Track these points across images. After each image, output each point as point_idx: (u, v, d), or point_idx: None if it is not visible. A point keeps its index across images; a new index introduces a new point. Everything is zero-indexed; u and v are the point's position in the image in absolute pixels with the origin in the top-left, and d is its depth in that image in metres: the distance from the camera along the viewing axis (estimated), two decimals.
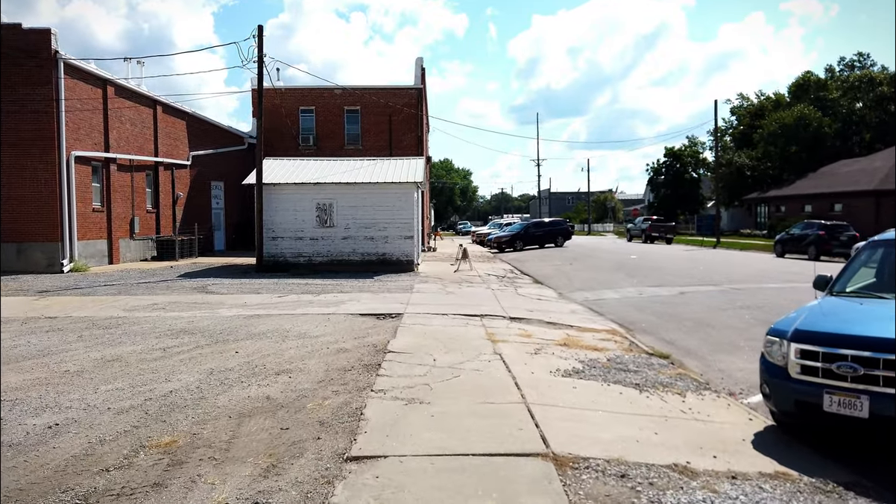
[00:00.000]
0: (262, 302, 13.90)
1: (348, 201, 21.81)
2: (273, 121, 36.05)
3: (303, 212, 21.80)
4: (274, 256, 21.79)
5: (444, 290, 16.66)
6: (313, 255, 21.86)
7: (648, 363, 8.44)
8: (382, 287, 16.97)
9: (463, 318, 11.83)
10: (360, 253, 21.90)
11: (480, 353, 8.55)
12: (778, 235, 31.81)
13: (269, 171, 23.03)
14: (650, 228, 48.20)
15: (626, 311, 13.63)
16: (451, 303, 13.98)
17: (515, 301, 14.79)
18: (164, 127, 29.11)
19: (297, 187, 21.73)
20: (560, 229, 41.19)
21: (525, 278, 21.28)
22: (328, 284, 17.48)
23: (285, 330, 10.27)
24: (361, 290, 16.30)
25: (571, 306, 14.39)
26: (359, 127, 37.26)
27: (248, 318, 11.65)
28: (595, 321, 12.24)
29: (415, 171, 22.77)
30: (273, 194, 21.79)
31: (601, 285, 18.40)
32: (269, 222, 21.78)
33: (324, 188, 21.75)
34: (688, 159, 76.26)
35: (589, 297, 16.05)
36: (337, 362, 7.91)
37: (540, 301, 15.08)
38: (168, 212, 29.73)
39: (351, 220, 21.84)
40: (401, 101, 37.07)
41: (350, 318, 11.66)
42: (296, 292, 15.69)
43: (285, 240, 21.85)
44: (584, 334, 10.57)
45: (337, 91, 37.04)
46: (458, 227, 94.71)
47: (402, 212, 21.87)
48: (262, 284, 17.44)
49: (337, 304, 13.53)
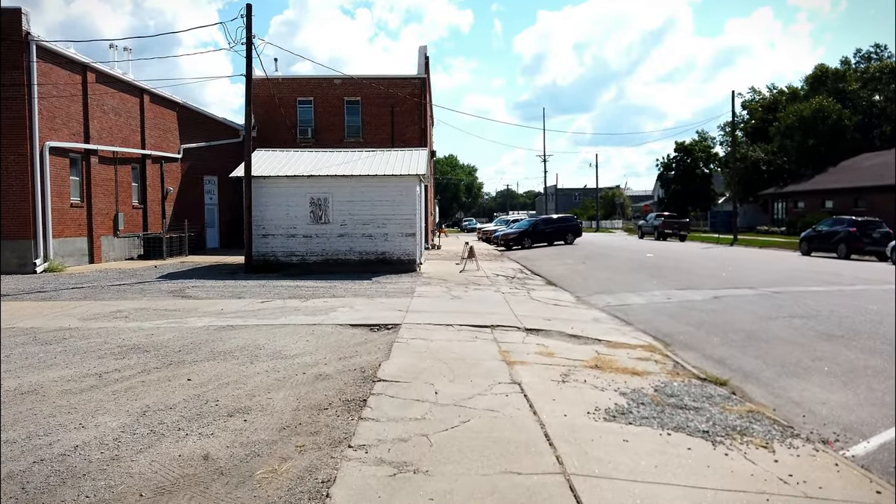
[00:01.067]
0: (241, 309, 12.18)
1: (345, 195, 20.07)
2: (269, 113, 34.37)
3: (295, 207, 20.08)
4: (264, 256, 20.08)
5: (449, 293, 14.93)
6: (307, 254, 20.14)
7: (706, 394, 6.69)
8: (380, 290, 15.24)
9: (471, 329, 10.09)
10: (357, 252, 20.17)
11: (494, 380, 6.81)
12: (803, 233, 29.94)
13: (260, 163, 21.32)
14: (663, 225, 46.34)
15: (657, 319, 11.87)
16: (457, 310, 12.24)
17: (529, 307, 13.04)
18: (151, 117, 27.43)
19: (290, 180, 20.00)
20: (570, 226, 39.39)
21: (537, 279, 19.52)
22: (320, 287, 15.76)
23: (258, 347, 8.55)
24: (356, 293, 14.58)
25: (593, 313, 12.64)
26: (359, 119, 35.52)
27: (219, 329, 9.94)
28: (624, 333, 10.48)
29: (417, 163, 21.02)
30: (263, 188, 20.07)
31: (622, 288, 16.63)
32: (258, 218, 20.08)
33: (318, 181, 20.02)
34: (699, 154, 74.37)
35: (611, 301, 14.28)
36: (312, 396, 6.18)
37: (557, 307, 13.32)
38: (157, 207, 28.07)
39: (348, 216, 20.11)
40: (403, 92, 35.31)
41: (339, 329, 9.93)
42: (282, 296, 13.97)
43: (276, 238, 20.13)
44: (616, 351, 8.82)
45: (337, 81, 35.30)
46: (462, 223, 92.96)
47: (403, 207, 20.13)
48: (247, 287, 15.73)
49: (326, 311, 11.81)
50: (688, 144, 75.33)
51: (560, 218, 41.19)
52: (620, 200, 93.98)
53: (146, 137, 26.86)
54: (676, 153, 74.82)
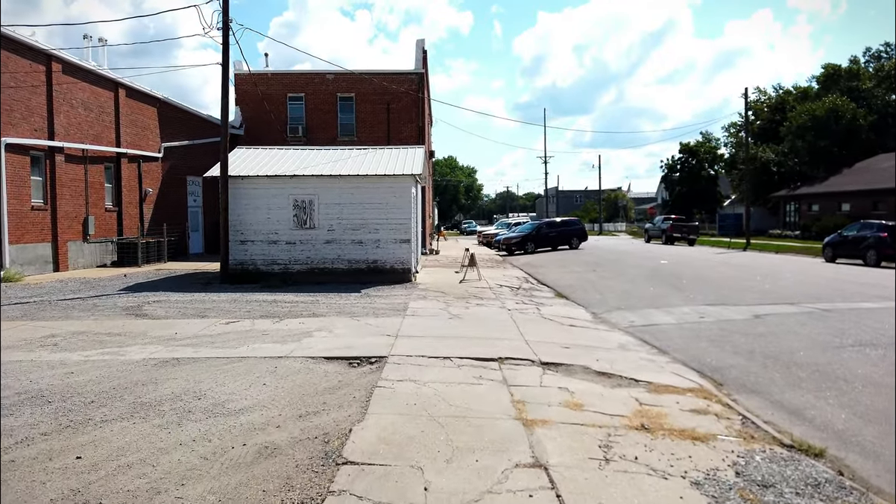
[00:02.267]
0: (198, 333, 10.21)
1: (332, 197, 18.10)
2: (258, 110, 32.42)
3: (277, 210, 18.11)
4: (242, 264, 18.10)
5: (447, 310, 12.95)
6: (290, 262, 18.16)
7: (810, 478, 4.72)
8: (368, 306, 13.26)
9: (473, 363, 8.12)
10: (345, 260, 18.19)
11: (510, 459, 4.84)
12: (827, 238, 27.98)
13: (239, 162, 19.36)
14: (671, 228, 44.39)
15: (695, 346, 9.90)
16: (457, 334, 10.26)
17: (541, 329, 11.07)
18: (128, 113, 25.46)
19: (270, 181, 18.03)
20: (575, 230, 37.43)
21: (545, 290, 17.56)
22: (300, 302, 13.78)
23: (197, 395, 6.57)
24: (340, 311, 12.60)
25: (617, 336, 10.67)
26: (353, 116, 33.55)
27: (160, 365, 7.96)
28: (662, 366, 8.52)
29: (413, 162, 19.06)
30: (241, 189, 18.10)
31: (644, 302, 14.66)
32: (236, 223, 18.10)
33: (303, 182, 18.05)
34: (704, 155, 72.58)
35: (635, 320, 12.32)
36: (241, 496, 4.20)
37: (573, 328, 11.35)
38: (133, 210, 26.09)
39: (335, 221, 18.14)
40: (400, 88, 33.35)
41: (309, 365, 7.95)
42: (253, 315, 12.00)
43: (256, 244, 18.16)
44: (661, 399, 6.85)
45: (329, 77, 33.36)
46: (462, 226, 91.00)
47: (397, 210, 18.17)
48: (216, 303, 13.75)
49: (299, 336, 9.83)
50: (692, 145, 73.54)
51: (564, 221, 39.23)
52: (623, 203, 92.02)
53: (121, 135, 24.89)
54: (681, 154, 73.02)
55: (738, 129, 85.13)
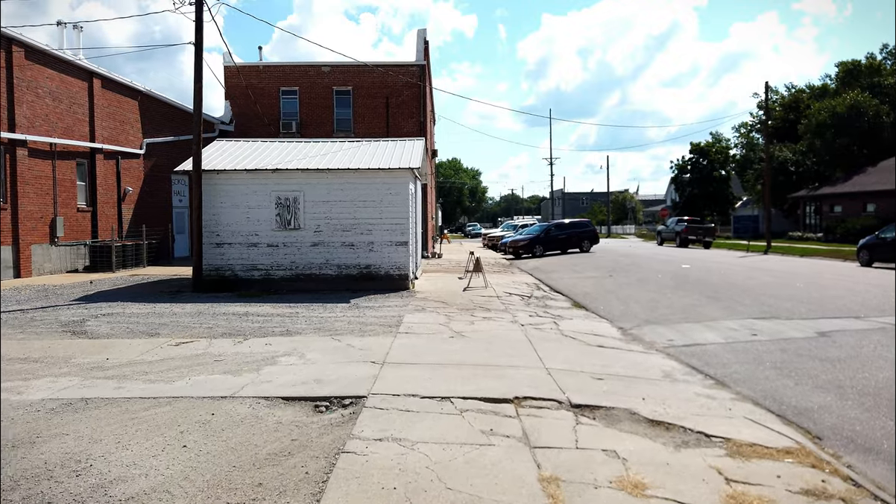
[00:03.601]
0: (135, 358, 8.16)
1: (320, 194, 16.06)
2: (248, 104, 30.42)
3: (258, 209, 16.08)
4: (218, 270, 16.07)
5: (449, 326, 10.88)
6: (272, 267, 16.11)
7: None
8: (355, 321, 11.20)
9: (481, 407, 6.06)
10: (334, 265, 16.14)
11: None
12: (863, 240, 25.79)
13: (216, 155, 17.35)
14: (686, 230, 42.26)
15: (760, 374, 7.81)
16: (459, 359, 8.19)
17: (563, 350, 9.00)
18: (104, 105, 23.51)
19: (250, 176, 16.00)
20: (585, 232, 35.27)
21: (559, 299, 15.49)
22: (275, 316, 11.73)
23: (77, 468, 4.51)
24: (320, 327, 10.54)
25: (657, 361, 8.59)
26: (350, 111, 31.53)
27: (58, 409, 5.91)
28: (728, 407, 6.43)
29: (411, 155, 17.02)
30: (217, 185, 16.08)
31: (677, 315, 12.57)
32: (211, 223, 16.07)
33: (286, 177, 16.01)
34: (715, 156, 70.44)
35: (674, 339, 10.23)
36: None
37: (602, 350, 9.27)
38: (111, 211, 24.12)
39: (323, 221, 16.10)
40: (400, 81, 31.33)
41: (258, 410, 5.90)
42: (213, 333, 9.95)
43: (234, 247, 16.12)
44: (751, 466, 4.75)
45: (325, 68, 31.36)
46: (466, 229, 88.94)
47: (393, 209, 16.12)
48: (175, 316, 11.71)
49: (260, 363, 7.77)
50: (703, 145, 71.43)
51: (574, 223, 37.10)
52: (632, 205, 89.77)
53: (96, 128, 22.93)
54: (692, 155, 70.94)
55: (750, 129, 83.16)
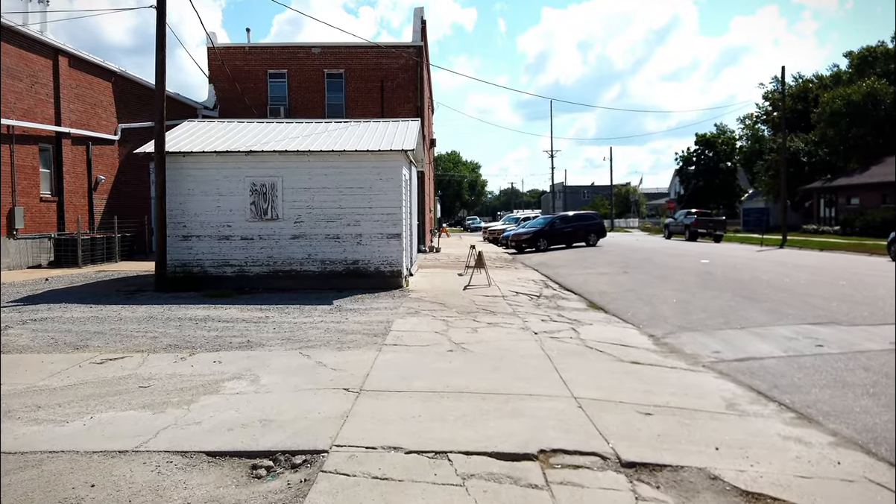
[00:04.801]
0: (35, 384, 6.26)
1: (300, 181, 14.14)
2: (233, 88, 28.45)
3: (230, 197, 14.16)
4: (185, 266, 14.16)
5: (447, 334, 8.99)
6: (246, 263, 14.21)
7: None
8: (334, 328, 9.31)
9: (491, 467, 4.17)
10: (318, 260, 14.23)
11: None
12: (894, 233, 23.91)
13: (186, 136, 15.42)
14: (696, 223, 40.34)
15: (851, 403, 5.94)
16: (459, 386, 6.29)
17: (591, 369, 7.11)
18: (72, 86, 21.55)
19: (221, 159, 14.08)
20: (592, 225, 33.37)
21: (573, 299, 13.62)
22: (240, 321, 9.84)
23: None
24: (290, 337, 8.65)
25: (710, 382, 6.72)
26: (343, 95, 29.57)
27: None
28: (834, 457, 4.54)
29: (404, 136, 15.10)
30: (184, 170, 14.16)
31: (715, 319, 10.68)
32: (176, 213, 14.16)
33: (262, 160, 14.09)
34: (721, 147, 68.55)
35: (720, 349, 8.34)
36: None
37: (640, 369, 7.38)
38: (80, 201, 22.20)
39: (304, 210, 14.18)
40: (396, 63, 29.37)
41: (164, 477, 4.00)
42: (156, 345, 8.05)
43: (203, 240, 14.21)
44: None
45: (315, 50, 29.38)
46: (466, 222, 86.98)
47: (384, 197, 14.21)
48: (120, 322, 9.81)
49: (194, 394, 5.88)
50: (709, 136, 69.56)
51: (579, 215, 35.15)
52: (635, 198, 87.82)
53: (63, 111, 20.99)
54: (697, 146, 69.10)
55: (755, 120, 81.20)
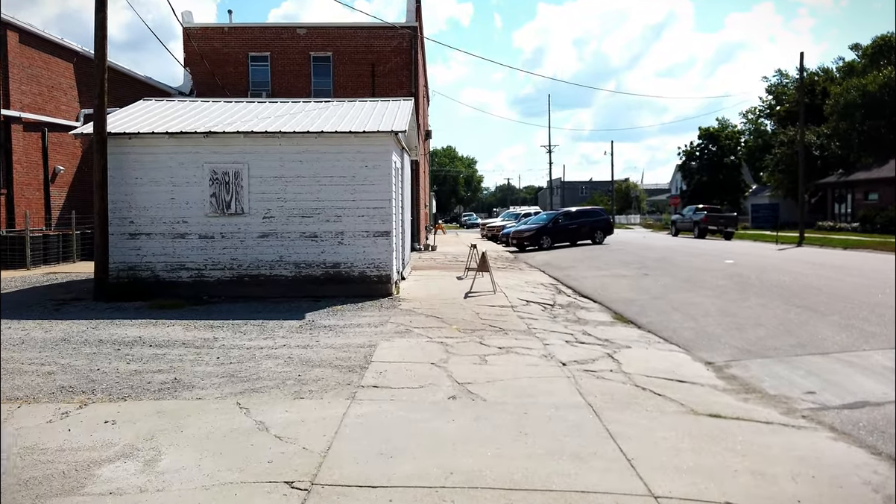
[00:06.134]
0: None
1: (270, 168, 11.85)
2: (211, 73, 26.11)
3: (186, 187, 11.85)
4: (133, 269, 11.86)
5: (446, 367, 6.74)
6: (205, 266, 11.91)
7: None
8: (298, 358, 7.05)
9: None
10: (291, 263, 11.95)
11: None
12: None
13: (136, 116, 13.10)
14: (706, 220, 38.21)
15: None
16: (466, 468, 4.00)
17: (655, 428, 4.88)
18: (25, 66, 19.19)
19: (176, 142, 11.76)
20: (599, 221, 31.17)
21: (592, 308, 11.42)
22: (177, 347, 7.56)
23: None
24: (233, 374, 6.38)
25: (826, 447, 4.50)
26: (331, 81, 27.23)
27: None
28: None
29: (394, 117, 12.82)
30: (130, 154, 11.85)
31: (784, 338, 8.46)
32: (122, 206, 11.85)
33: (225, 143, 11.79)
34: (725, 141, 66.46)
35: (812, 387, 6.14)
36: None
37: (724, 426, 5.14)
38: (35, 194, 19.86)
39: (275, 203, 11.90)
40: (388, 46, 27.08)
41: None
42: (37, 389, 5.78)
43: (154, 239, 11.90)
44: None
45: (301, 31, 27.04)
46: (462, 219, 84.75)
47: (371, 188, 11.94)
48: (20, 347, 7.52)
49: (36, 498, 3.62)
50: (713, 130, 67.46)
51: (584, 211, 32.94)
52: (635, 193, 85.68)
53: (12, 93, 18.63)
54: (700, 140, 66.99)
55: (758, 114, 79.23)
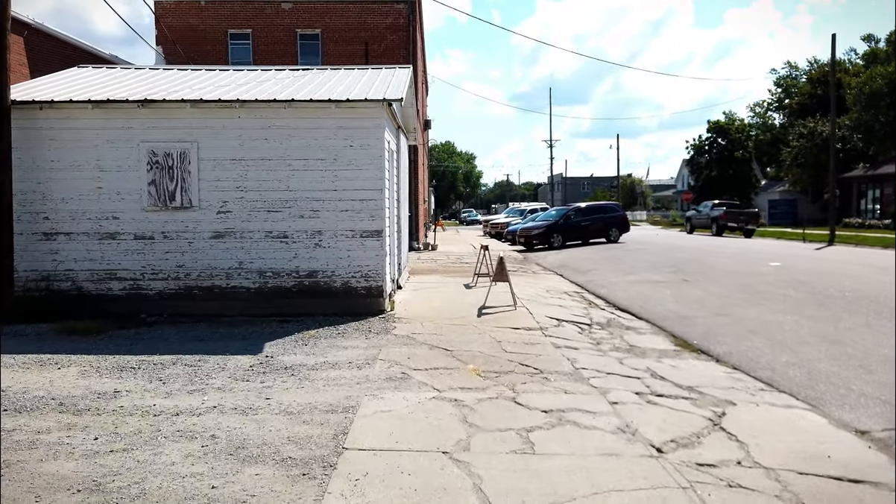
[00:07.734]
0: None
1: (227, 148, 9.13)
2: (187, 50, 23.37)
3: (117, 172, 9.12)
4: (48, 279, 9.13)
5: (466, 463, 4.05)
6: (143, 275, 9.19)
7: None
8: (224, 445, 4.34)
9: None
10: (254, 270, 9.23)
11: None
12: None
13: (59, 85, 10.35)
14: (726, 216, 35.56)
15: None
16: None
17: None
18: None
19: (103, 113, 9.03)
20: (614, 218, 28.47)
21: (642, 329, 8.78)
22: (42, 415, 4.84)
23: None
24: (95, 490, 3.69)
25: None
26: (319, 61, 24.40)
27: None
28: None
29: (387, 85, 10.10)
30: (44, 130, 9.12)
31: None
32: (32, 197, 9.11)
33: (167, 116, 9.06)
34: (736, 135, 63.85)
35: None
36: None
37: None
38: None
39: (234, 194, 9.17)
40: (383, 22, 24.34)
41: None
42: None
43: (76, 239, 9.17)
44: None
45: (286, 5, 24.28)
46: (461, 215, 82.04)
47: (357, 174, 9.22)
48: None
49: None
50: (722, 123, 64.91)
51: (597, 207, 30.22)
52: (640, 189, 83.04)
53: None
54: (709, 134, 64.46)
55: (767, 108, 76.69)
